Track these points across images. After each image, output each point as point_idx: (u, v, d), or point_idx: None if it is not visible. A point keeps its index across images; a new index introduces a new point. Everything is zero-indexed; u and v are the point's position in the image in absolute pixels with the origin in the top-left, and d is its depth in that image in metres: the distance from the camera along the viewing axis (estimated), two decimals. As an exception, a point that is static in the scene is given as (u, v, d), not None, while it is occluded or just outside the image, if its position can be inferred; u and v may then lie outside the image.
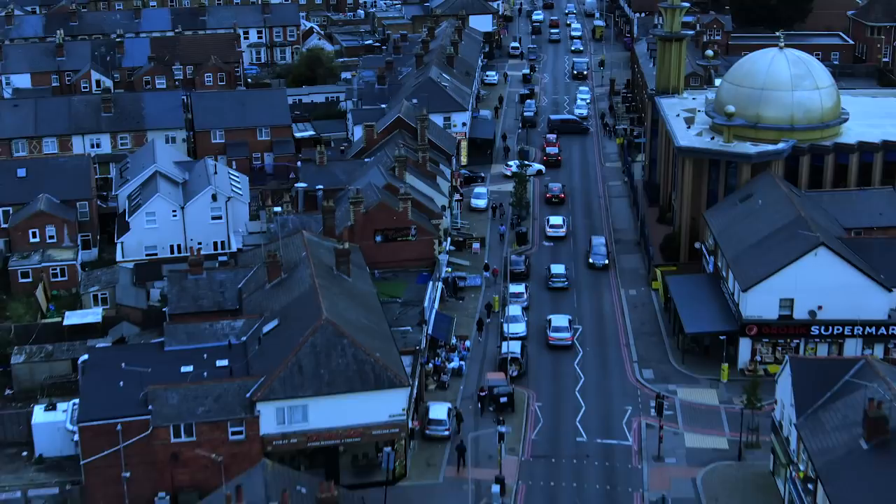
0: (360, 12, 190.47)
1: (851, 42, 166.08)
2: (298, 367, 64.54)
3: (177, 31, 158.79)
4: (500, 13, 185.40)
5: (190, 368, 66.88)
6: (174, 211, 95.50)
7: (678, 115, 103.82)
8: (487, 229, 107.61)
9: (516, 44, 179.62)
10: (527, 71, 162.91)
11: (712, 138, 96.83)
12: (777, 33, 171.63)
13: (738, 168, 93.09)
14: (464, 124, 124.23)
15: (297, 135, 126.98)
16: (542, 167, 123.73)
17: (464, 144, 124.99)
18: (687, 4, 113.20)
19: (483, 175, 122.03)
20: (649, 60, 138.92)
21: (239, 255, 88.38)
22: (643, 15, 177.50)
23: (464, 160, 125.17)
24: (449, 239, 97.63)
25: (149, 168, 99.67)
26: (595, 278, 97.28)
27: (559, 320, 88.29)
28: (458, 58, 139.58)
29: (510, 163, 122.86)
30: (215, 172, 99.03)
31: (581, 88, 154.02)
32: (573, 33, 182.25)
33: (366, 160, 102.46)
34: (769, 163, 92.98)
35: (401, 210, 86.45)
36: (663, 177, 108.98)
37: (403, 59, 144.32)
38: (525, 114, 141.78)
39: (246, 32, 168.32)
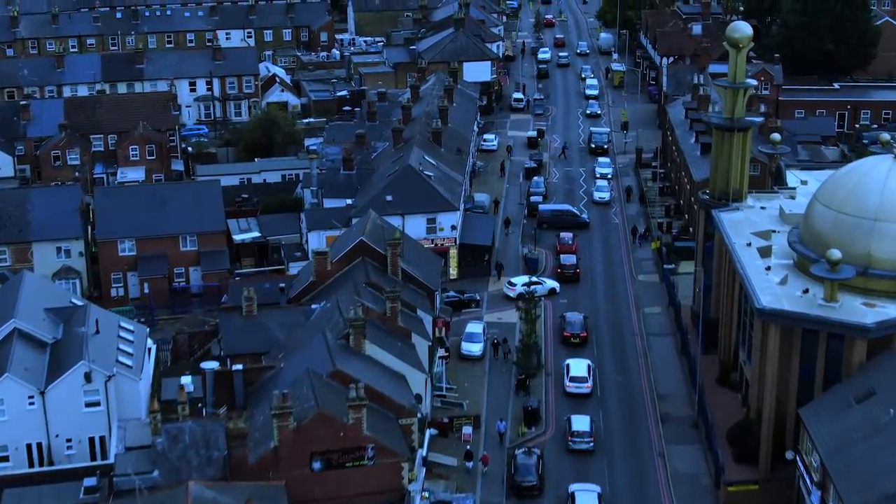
0: (336, 53, 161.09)
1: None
2: None
3: (97, 88, 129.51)
4: (502, 55, 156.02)
5: None
6: (31, 397, 66.20)
7: (749, 245, 74.50)
8: (484, 394, 78.37)
9: (519, 94, 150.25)
10: (533, 134, 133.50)
11: (805, 291, 67.39)
12: (835, 86, 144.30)
13: (848, 343, 63.84)
14: (453, 227, 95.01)
15: (237, 237, 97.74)
16: (555, 284, 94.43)
17: (453, 253, 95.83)
18: (754, 83, 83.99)
19: (478, 297, 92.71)
20: (689, 134, 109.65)
21: (114, 478, 59.34)
22: (672, 60, 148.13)
23: (453, 272, 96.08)
24: (427, 432, 68.31)
25: (6, 324, 70.23)
26: (638, 483, 68.22)
27: (585, 498, 63.75)
28: (448, 128, 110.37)
29: (514, 280, 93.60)
30: (97, 331, 69.67)
31: (601, 160, 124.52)
32: (588, 91, 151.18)
33: (313, 307, 73.32)
34: (892, 335, 63.86)
35: (351, 423, 57.30)
36: (724, 313, 79.82)
37: (379, 127, 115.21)
38: (532, 198, 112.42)
39: (192, 83, 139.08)
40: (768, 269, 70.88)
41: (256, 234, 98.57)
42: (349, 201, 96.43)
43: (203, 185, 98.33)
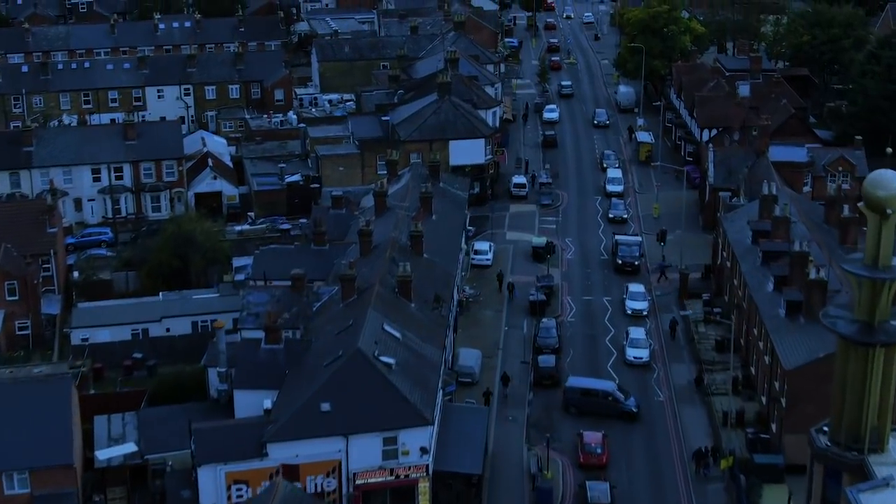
0: (292, 117, 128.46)
1: None
2: None
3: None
4: (498, 123, 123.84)
5: None
6: None
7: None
8: None
9: (521, 177, 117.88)
10: (540, 242, 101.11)
11: None
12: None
13: None
14: (424, 451, 62.76)
15: (102, 455, 65.50)
16: (580, 540, 62.40)
17: (424, 488, 63.56)
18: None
19: (460, 573, 60.60)
20: (763, 275, 77.78)
21: None
22: (715, 133, 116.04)
23: (424, 514, 64.02)
24: None
25: None
26: None
27: None
28: (423, 262, 78.40)
29: (516, 538, 61.62)
30: None
31: (632, 289, 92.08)
32: (611, 188, 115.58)
33: None
34: None
35: None
36: None
37: (329, 253, 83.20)
38: (542, 362, 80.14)
39: (96, 171, 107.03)
40: None
41: (132, 447, 66.25)
42: (268, 403, 64.33)
43: (45, 388, 65.30)
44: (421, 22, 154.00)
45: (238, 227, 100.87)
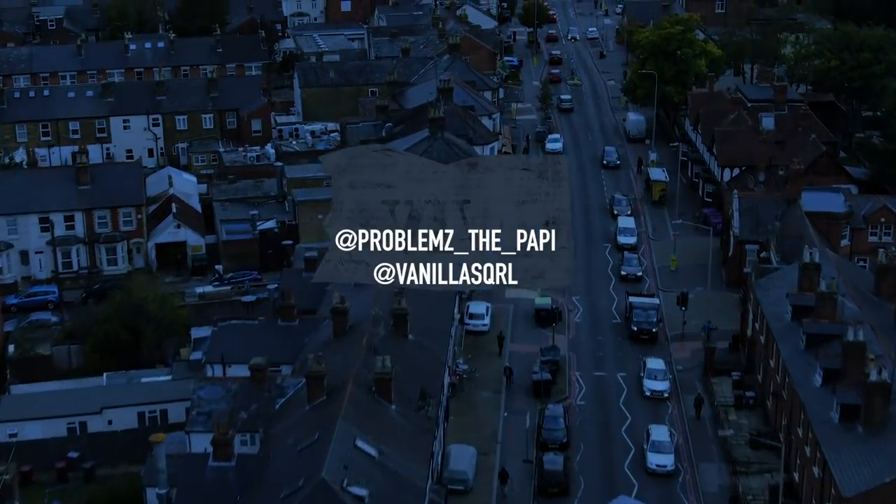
0: (270, 150, 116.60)
1: None
2: None
3: None
4: (498, 152, 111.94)
5: None
6: None
7: None
8: None
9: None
10: (544, 303, 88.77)
11: None
12: None
13: None
14: None
15: None
16: None
17: None
18: None
19: None
20: (807, 362, 66.28)
21: None
22: (737, 173, 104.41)
23: None
24: None
25: None
26: None
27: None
28: (408, 345, 66.65)
29: None
30: None
31: (650, 366, 79.67)
32: (623, 239, 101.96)
33: None
34: None
35: None
36: None
37: (298, 331, 71.31)
38: (548, 464, 68.08)
39: (45, 220, 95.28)
40: None
41: None
42: (214, 544, 52.60)
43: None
44: (413, 41, 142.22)
45: (199, 290, 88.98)
